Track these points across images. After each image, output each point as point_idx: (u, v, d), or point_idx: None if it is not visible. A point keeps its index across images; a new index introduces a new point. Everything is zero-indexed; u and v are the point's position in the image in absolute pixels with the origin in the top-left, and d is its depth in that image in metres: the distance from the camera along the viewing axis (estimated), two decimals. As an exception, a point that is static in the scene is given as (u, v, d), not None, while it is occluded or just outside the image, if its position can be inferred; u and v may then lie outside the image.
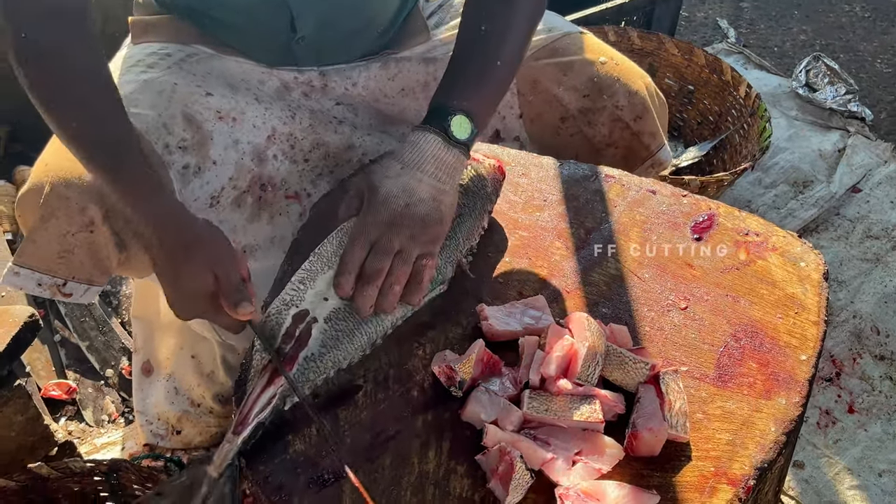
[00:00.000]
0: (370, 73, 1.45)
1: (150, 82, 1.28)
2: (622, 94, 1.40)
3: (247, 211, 1.37)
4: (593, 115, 1.40)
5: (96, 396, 1.80)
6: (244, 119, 1.34)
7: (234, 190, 1.34)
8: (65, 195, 1.13)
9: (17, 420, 1.36)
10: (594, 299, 1.16)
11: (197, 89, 1.30)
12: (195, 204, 1.29)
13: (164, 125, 1.25)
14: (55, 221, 1.13)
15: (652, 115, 1.42)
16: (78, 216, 1.14)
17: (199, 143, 1.28)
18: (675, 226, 1.26)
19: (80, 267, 1.17)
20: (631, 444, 0.95)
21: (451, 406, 1.01)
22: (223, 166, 1.32)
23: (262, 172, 1.37)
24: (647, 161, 1.44)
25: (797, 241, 1.23)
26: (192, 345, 1.66)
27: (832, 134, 2.61)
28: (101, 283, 1.20)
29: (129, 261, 1.22)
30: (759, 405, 1.01)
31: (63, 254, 1.15)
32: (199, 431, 1.67)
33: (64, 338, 1.90)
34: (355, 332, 1.05)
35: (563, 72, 1.42)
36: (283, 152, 1.39)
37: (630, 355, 1.01)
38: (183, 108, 1.28)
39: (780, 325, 1.10)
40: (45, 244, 1.14)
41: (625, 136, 1.42)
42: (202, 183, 1.29)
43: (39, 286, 1.16)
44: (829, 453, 1.74)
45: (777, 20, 3.34)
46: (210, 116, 1.31)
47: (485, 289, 1.17)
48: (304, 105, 1.41)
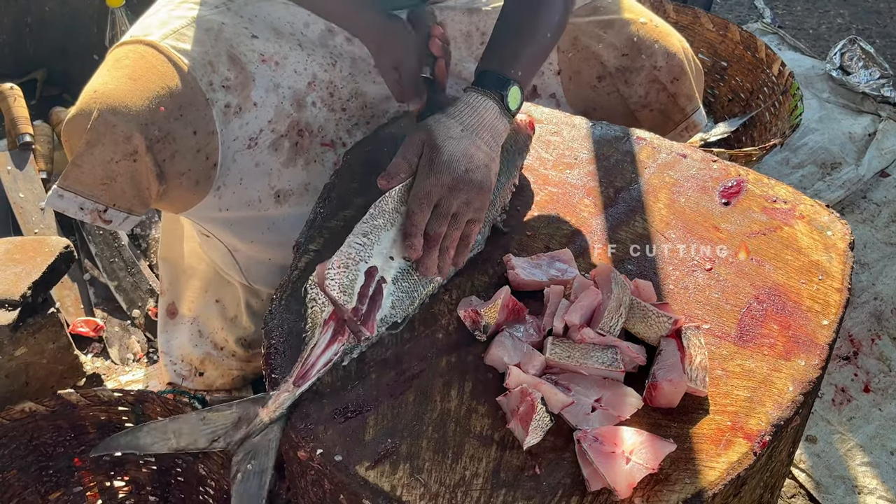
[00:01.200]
0: None
1: (199, 20, 1.30)
2: (660, 54, 1.40)
3: (283, 155, 1.39)
4: (630, 75, 1.41)
5: (122, 335, 1.84)
6: (286, 64, 1.36)
7: (272, 133, 1.36)
8: (111, 122, 1.15)
9: (48, 347, 1.39)
10: (620, 256, 1.17)
11: (244, 31, 1.32)
12: (234, 144, 1.31)
13: (209, 63, 1.26)
14: (101, 147, 1.16)
15: (689, 77, 1.42)
16: (123, 144, 1.16)
17: (241, 83, 1.30)
18: (703, 189, 1.26)
19: (121, 195, 1.19)
20: (650, 395, 0.97)
21: (474, 349, 1.03)
22: (263, 108, 1.34)
23: (301, 118, 1.39)
24: (681, 124, 1.44)
25: (825, 210, 1.23)
26: (216, 289, 1.69)
27: (863, 118, 2.59)
28: (140, 213, 1.23)
29: (168, 193, 1.25)
30: (779, 365, 1.02)
31: (106, 180, 1.17)
32: (221, 374, 1.70)
33: (93, 277, 1.94)
34: (414, 293, 1.08)
35: (602, 29, 1.43)
36: (321, 100, 1.41)
37: (653, 309, 1.03)
38: (228, 48, 1.30)
39: (803, 290, 1.11)
40: (89, 169, 1.16)
41: (661, 97, 1.42)
42: (242, 123, 1.31)
43: (81, 210, 1.18)
44: (843, 430, 1.75)
45: (814, 2, 3.31)
46: (254, 59, 1.32)
47: (512, 241, 1.19)
48: (346, 52, 1.42)
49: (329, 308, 0.99)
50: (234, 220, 1.40)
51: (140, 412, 1.33)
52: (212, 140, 1.27)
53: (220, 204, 1.34)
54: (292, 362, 0.99)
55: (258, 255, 1.49)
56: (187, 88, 1.23)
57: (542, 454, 0.92)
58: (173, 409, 1.31)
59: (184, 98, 1.23)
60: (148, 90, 1.19)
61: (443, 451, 0.93)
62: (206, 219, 1.40)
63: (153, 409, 1.33)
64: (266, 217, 1.42)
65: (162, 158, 1.20)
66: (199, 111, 1.25)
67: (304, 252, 1.15)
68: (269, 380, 0.99)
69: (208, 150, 1.27)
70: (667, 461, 0.90)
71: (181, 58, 1.24)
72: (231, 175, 1.33)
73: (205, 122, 1.25)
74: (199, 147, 1.25)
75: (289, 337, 1.03)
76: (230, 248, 1.50)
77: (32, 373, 1.39)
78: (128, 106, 1.16)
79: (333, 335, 0.99)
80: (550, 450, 0.93)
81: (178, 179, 1.24)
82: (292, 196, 1.42)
